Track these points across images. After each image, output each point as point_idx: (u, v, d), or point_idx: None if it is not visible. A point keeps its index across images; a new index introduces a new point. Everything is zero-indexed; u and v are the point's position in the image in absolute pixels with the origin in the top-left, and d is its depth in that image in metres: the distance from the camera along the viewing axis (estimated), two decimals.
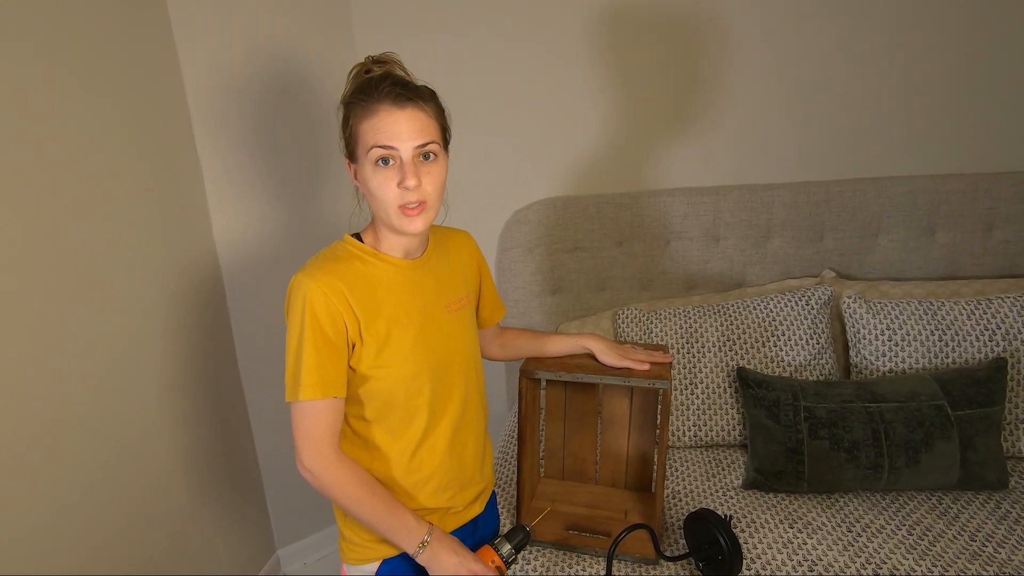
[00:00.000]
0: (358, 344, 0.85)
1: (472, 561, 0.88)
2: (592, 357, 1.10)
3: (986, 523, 1.14)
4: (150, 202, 1.37)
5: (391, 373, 0.86)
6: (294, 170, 1.68)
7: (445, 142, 0.88)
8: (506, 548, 0.94)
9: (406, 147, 0.80)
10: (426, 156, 0.83)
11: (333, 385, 0.82)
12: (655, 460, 1.22)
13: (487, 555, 0.93)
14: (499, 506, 1.26)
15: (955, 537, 1.11)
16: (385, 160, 0.81)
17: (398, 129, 0.80)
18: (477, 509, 1.02)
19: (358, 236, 0.92)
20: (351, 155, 0.87)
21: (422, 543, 0.86)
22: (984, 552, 1.07)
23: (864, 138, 1.70)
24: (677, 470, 1.38)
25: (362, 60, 0.89)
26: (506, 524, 1.20)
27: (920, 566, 1.04)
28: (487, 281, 1.11)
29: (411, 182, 0.80)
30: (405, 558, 0.93)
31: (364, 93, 0.82)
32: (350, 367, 0.86)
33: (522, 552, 1.04)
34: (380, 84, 0.81)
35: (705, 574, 1.00)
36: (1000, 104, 1.64)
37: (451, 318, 0.94)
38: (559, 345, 1.13)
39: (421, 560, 0.87)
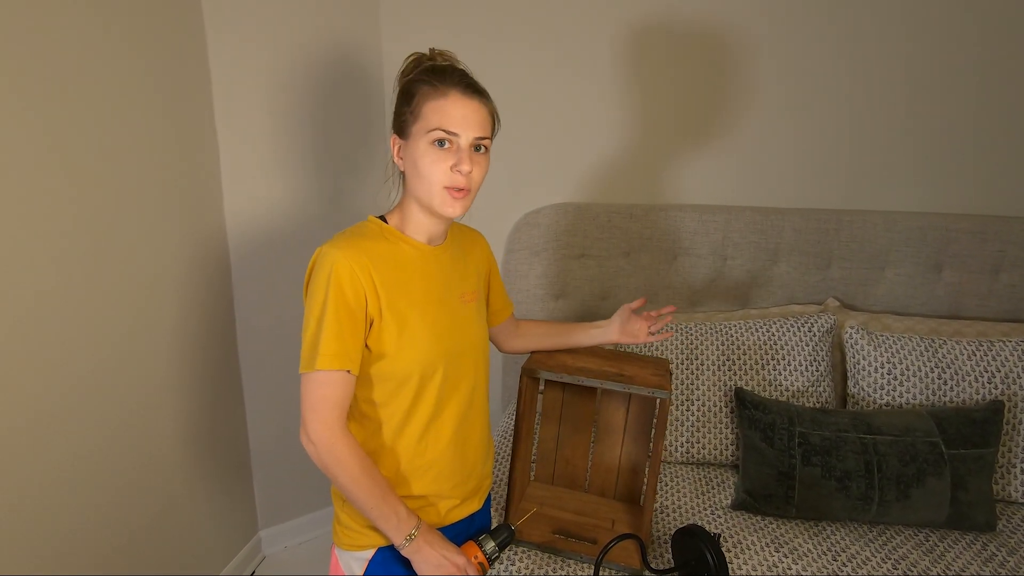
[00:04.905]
0: (377, 321, 0.85)
1: (456, 556, 0.88)
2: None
3: (971, 564, 1.14)
4: (165, 178, 1.37)
5: (409, 354, 0.87)
6: (309, 155, 1.68)
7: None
8: (490, 545, 0.94)
9: (467, 135, 0.84)
10: (478, 148, 0.87)
11: (349, 358, 0.83)
12: (646, 473, 1.22)
13: (470, 551, 0.93)
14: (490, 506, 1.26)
15: None
16: (442, 142, 0.84)
17: (464, 115, 0.83)
18: (476, 505, 1.03)
19: (382, 218, 0.93)
20: (402, 131, 0.88)
21: (409, 536, 0.86)
22: None
23: (877, 171, 1.71)
24: (667, 485, 1.38)
25: (423, 51, 0.91)
26: (492, 524, 1.19)
27: None
28: (496, 279, 1.12)
29: (465, 167, 0.84)
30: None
31: (435, 76, 0.85)
32: (366, 346, 0.86)
33: (506, 551, 1.04)
34: (451, 72, 0.85)
35: None
36: (1015, 147, 1.65)
37: (465, 308, 0.96)
38: (583, 339, 1.17)
39: (406, 552, 0.87)
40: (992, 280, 1.67)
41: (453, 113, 0.83)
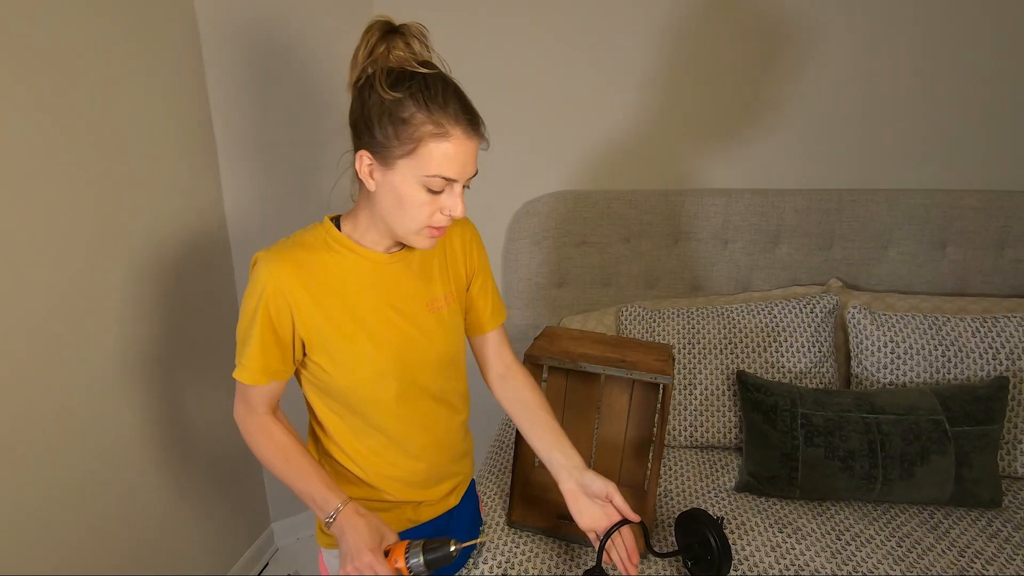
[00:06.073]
0: (312, 339, 0.81)
1: (367, 554, 0.78)
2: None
3: (976, 539, 1.14)
4: (167, 176, 1.37)
5: (353, 373, 0.83)
6: (306, 147, 1.68)
7: None
8: (417, 560, 0.81)
9: (464, 179, 0.77)
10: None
11: (273, 372, 0.82)
12: (650, 457, 1.23)
13: (395, 553, 0.81)
14: (492, 494, 1.27)
15: (944, 552, 1.11)
16: (440, 187, 0.76)
17: (466, 161, 0.75)
18: (453, 501, 1.00)
19: (337, 221, 0.85)
20: (379, 154, 0.75)
21: (327, 519, 0.81)
22: (972, 568, 1.07)
23: (879, 149, 1.69)
24: (671, 469, 1.39)
25: (379, 18, 0.76)
26: (498, 511, 1.21)
27: None
28: (484, 275, 0.98)
29: (459, 212, 0.77)
30: None
31: (433, 103, 0.72)
32: (313, 361, 0.83)
33: (433, 569, 0.85)
34: (447, 97, 0.73)
35: (692, 573, 1.01)
36: (1019, 121, 1.62)
37: (431, 317, 0.88)
38: (544, 450, 0.94)
39: (331, 531, 0.82)
40: (997, 256, 1.65)
41: (455, 159, 0.74)
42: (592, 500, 0.90)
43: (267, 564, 1.84)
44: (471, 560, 1.09)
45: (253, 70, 1.55)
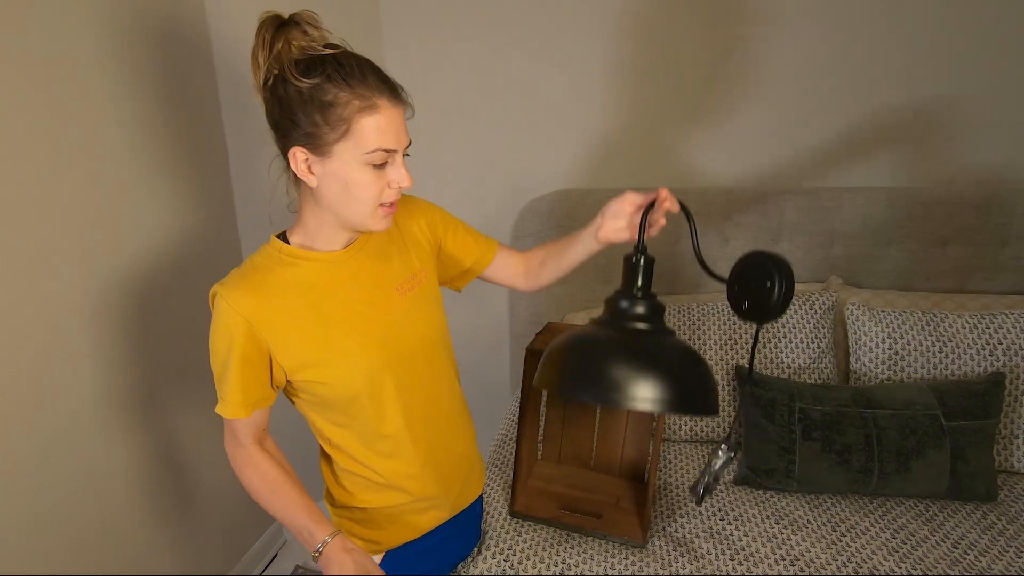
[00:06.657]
0: (290, 364, 0.80)
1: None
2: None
3: (970, 532, 1.16)
4: (176, 175, 1.41)
5: (344, 375, 0.82)
6: None
7: None
8: None
9: (402, 147, 0.76)
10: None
11: (255, 402, 0.82)
12: (650, 451, 1.26)
13: None
14: (495, 485, 1.30)
15: (938, 543, 1.13)
16: (382, 163, 0.75)
17: (398, 126, 0.75)
18: (478, 490, 1.03)
19: (284, 236, 0.84)
20: (313, 145, 0.74)
21: (316, 551, 0.82)
22: (965, 559, 1.09)
23: (879, 146, 1.70)
24: (671, 462, 1.42)
25: (267, 13, 0.74)
26: (500, 502, 1.24)
27: (900, 568, 1.07)
28: (451, 226, 0.98)
29: (407, 182, 0.76)
30: (409, 549, 0.95)
31: (352, 79, 0.72)
32: (304, 380, 0.82)
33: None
34: (363, 71, 0.73)
35: (737, 308, 0.79)
36: (1020, 119, 1.63)
37: (404, 300, 0.87)
38: (579, 251, 0.95)
39: (318, 564, 0.84)
40: (997, 253, 1.66)
41: (388, 129, 0.73)
42: (627, 216, 0.88)
43: (275, 556, 1.88)
44: (475, 549, 1.12)
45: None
